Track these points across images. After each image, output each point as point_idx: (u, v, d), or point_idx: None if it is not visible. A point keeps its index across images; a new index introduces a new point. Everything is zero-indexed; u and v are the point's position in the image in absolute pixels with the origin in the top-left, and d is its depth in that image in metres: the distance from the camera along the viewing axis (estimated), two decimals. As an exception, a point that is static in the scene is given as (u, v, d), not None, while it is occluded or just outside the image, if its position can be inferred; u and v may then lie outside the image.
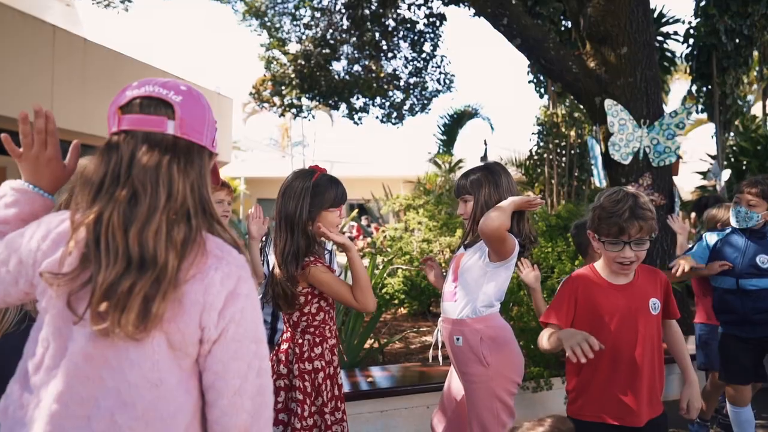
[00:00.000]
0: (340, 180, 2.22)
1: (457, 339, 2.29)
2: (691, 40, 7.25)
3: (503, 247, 2.20)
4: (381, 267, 5.23)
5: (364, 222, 14.99)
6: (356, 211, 11.79)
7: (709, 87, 7.21)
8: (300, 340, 2.08)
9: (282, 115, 10.92)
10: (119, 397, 0.98)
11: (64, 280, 0.97)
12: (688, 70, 7.53)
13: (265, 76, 10.47)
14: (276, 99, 10.52)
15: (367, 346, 4.43)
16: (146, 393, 0.98)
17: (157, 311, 0.95)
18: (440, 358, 2.70)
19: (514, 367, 2.27)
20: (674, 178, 5.41)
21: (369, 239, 9.35)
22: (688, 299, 5.17)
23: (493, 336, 2.24)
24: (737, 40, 6.83)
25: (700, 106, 7.48)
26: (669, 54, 8.55)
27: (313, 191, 2.10)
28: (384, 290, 4.22)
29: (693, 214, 4.65)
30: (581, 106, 8.29)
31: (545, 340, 1.97)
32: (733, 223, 3.09)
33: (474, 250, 2.32)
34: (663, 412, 2.06)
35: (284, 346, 2.11)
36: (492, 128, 14.86)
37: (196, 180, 1.06)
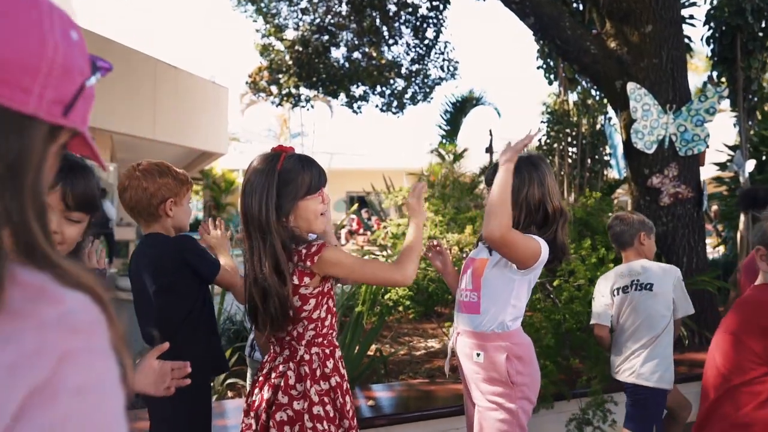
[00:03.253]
0: (339, 171, 1.81)
1: (478, 354, 2.00)
2: (712, 23, 6.77)
3: (516, 254, 1.91)
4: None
5: (364, 215, 14.62)
6: (357, 204, 11.38)
7: (732, 72, 6.74)
8: (307, 357, 1.66)
9: (280, 104, 10.50)
10: None
11: None
12: (708, 55, 7.04)
13: (261, 64, 10.05)
14: (273, 88, 10.11)
15: (369, 353, 4.02)
16: None
17: None
18: (447, 370, 2.37)
19: (535, 386, 2.03)
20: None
21: (369, 233, 8.98)
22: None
23: (520, 354, 1.97)
24: (764, 22, 6.37)
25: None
26: (686, 39, 8.08)
27: (281, 181, 1.65)
28: (387, 296, 3.80)
29: (714, 208, 4.21)
30: (594, 93, 7.85)
31: None
32: None
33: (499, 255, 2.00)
34: None
35: (284, 368, 1.67)
36: (498, 114, 14.37)
37: None
